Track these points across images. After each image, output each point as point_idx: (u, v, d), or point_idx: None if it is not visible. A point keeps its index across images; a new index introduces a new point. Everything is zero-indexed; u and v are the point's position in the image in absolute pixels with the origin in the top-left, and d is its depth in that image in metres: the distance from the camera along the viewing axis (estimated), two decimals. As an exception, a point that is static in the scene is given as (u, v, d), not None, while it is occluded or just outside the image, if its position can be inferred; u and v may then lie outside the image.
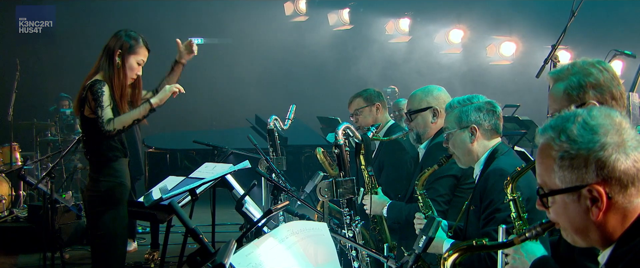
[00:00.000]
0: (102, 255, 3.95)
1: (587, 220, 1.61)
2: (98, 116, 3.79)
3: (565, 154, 1.60)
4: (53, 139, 9.63)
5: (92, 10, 12.50)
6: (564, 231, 1.70)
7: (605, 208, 1.58)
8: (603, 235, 1.62)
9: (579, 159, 1.58)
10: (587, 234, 1.64)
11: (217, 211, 4.91)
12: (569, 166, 1.60)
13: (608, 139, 1.58)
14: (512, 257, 2.46)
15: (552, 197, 1.65)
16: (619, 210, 1.59)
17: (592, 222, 1.61)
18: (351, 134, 3.64)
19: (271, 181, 3.69)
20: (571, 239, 1.69)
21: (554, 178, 1.63)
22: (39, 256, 6.07)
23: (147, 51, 4.08)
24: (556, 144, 1.62)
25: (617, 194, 1.58)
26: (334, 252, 2.64)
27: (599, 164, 1.57)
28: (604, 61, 2.49)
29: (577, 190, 1.59)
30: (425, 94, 4.00)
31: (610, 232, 1.61)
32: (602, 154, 1.57)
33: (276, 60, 13.41)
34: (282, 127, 5.07)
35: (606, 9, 9.94)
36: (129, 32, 4.04)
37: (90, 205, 3.97)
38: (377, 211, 3.94)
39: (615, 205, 1.59)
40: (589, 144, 1.58)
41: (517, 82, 11.47)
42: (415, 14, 12.47)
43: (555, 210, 1.67)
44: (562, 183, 1.62)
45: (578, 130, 1.60)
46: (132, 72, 4.01)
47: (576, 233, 1.66)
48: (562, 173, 1.61)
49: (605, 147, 1.57)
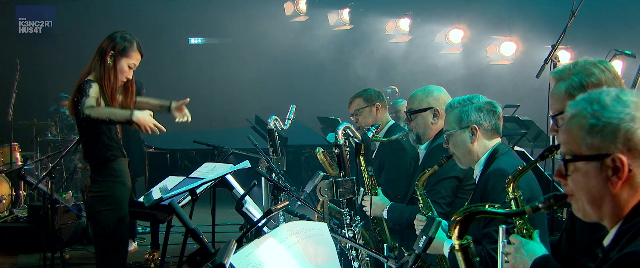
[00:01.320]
0: (103, 256, 3.95)
1: (605, 190, 1.67)
2: (81, 102, 3.75)
3: (596, 121, 1.67)
4: (53, 139, 9.63)
5: (92, 10, 12.50)
6: (576, 203, 1.75)
7: (624, 180, 1.65)
8: (615, 207, 1.68)
9: (609, 127, 1.65)
10: (601, 206, 1.70)
11: (217, 211, 4.91)
12: (598, 133, 1.66)
13: (638, 114, 1.65)
14: (513, 256, 2.46)
15: (574, 165, 1.71)
16: (634, 185, 1.66)
17: (609, 193, 1.67)
18: (351, 134, 3.64)
19: (271, 181, 3.69)
20: (583, 211, 1.75)
21: (581, 145, 1.69)
22: (39, 256, 6.07)
23: (139, 56, 4.05)
24: (588, 113, 1.69)
25: (636, 167, 1.65)
26: (334, 252, 2.64)
27: (627, 135, 1.64)
28: (605, 61, 2.49)
29: (602, 157, 1.66)
30: (425, 94, 3.99)
31: (621, 206, 1.68)
32: (631, 126, 1.64)
33: (276, 60, 13.41)
34: (282, 127, 5.07)
35: (606, 9, 9.94)
36: (124, 34, 4.02)
37: (91, 206, 3.97)
38: (378, 213, 3.94)
39: (632, 179, 1.66)
40: (620, 115, 1.65)
41: (517, 83, 11.47)
42: (415, 14, 12.47)
43: (574, 179, 1.73)
44: (588, 149, 1.68)
45: (611, 101, 1.68)
46: (123, 74, 3.99)
47: (590, 204, 1.71)
48: (591, 140, 1.67)
49: (635, 120, 1.65)
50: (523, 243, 2.44)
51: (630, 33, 9.66)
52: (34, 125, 9.62)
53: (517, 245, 2.45)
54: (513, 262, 2.45)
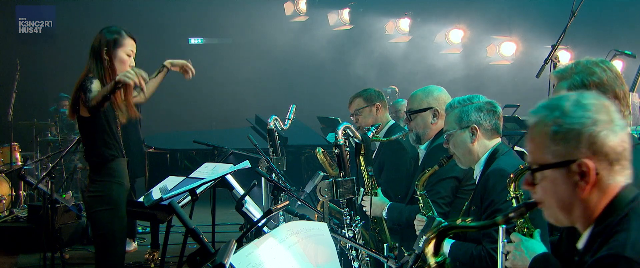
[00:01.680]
0: (101, 255, 3.95)
1: (574, 195, 1.69)
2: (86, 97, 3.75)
3: (559, 129, 1.68)
4: (53, 139, 9.63)
5: (92, 10, 12.50)
6: (547, 209, 1.76)
7: (592, 184, 1.66)
8: (585, 211, 1.70)
9: (572, 133, 1.66)
10: (572, 211, 1.71)
11: (217, 211, 4.91)
12: (562, 140, 1.67)
13: (599, 117, 1.66)
14: (512, 254, 2.46)
15: (542, 173, 1.72)
16: (602, 187, 1.68)
17: (578, 198, 1.68)
18: (351, 134, 3.64)
19: (271, 181, 3.69)
20: (554, 217, 1.76)
21: (546, 153, 1.70)
22: (39, 256, 6.07)
23: (133, 41, 4.02)
24: (550, 120, 1.70)
25: (603, 170, 1.66)
26: (334, 252, 2.64)
27: (591, 139, 1.65)
28: (607, 61, 2.50)
29: (568, 164, 1.67)
30: (425, 94, 3.99)
31: (591, 209, 1.69)
32: (594, 129, 1.65)
33: (276, 60, 13.41)
34: (282, 127, 5.07)
35: (606, 9, 9.94)
36: (110, 28, 4.00)
37: (89, 206, 3.98)
38: (377, 213, 3.94)
39: (600, 181, 1.67)
40: (582, 119, 1.66)
41: (517, 83, 11.47)
42: (415, 14, 12.47)
43: (543, 186, 1.74)
44: (553, 157, 1.69)
45: (572, 106, 1.69)
46: (124, 65, 3.97)
47: (560, 210, 1.73)
48: (555, 147, 1.68)
49: (597, 123, 1.66)
50: (523, 241, 2.45)
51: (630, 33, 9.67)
52: (34, 125, 9.62)
53: (517, 243, 2.46)
54: (512, 260, 2.45)
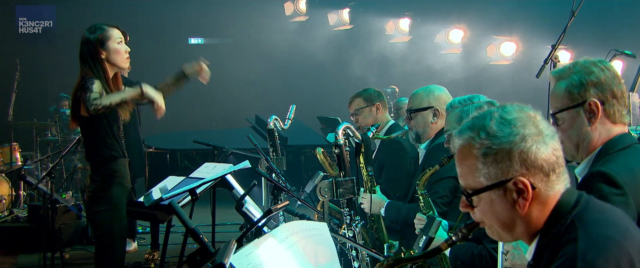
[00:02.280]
0: (102, 255, 3.95)
1: (514, 213, 1.66)
2: (85, 97, 3.73)
3: (488, 151, 1.65)
4: (53, 139, 9.63)
5: (92, 10, 12.49)
6: (489, 229, 1.74)
7: (530, 199, 1.64)
8: (528, 226, 1.68)
9: (502, 153, 1.63)
10: (513, 228, 1.69)
11: (217, 211, 4.91)
12: (493, 162, 1.64)
13: (526, 131, 1.64)
14: (511, 254, 2.46)
15: (478, 196, 1.69)
16: (541, 200, 1.65)
17: (518, 215, 1.66)
18: (351, 134, 3.65)
19: (271, 181, 3.69)
20: (497, 236, 1.74)
21: (478, 176, 1.67)
22: (39, 256, 6.07)
23: (118, 30, 4.03)
24: (477, 143, 1.66)
25: (539, 183, 1.64)
26: (334, 252, 2.64)
27: (522, 156, 1.62)
28: (605, 61, 2.50)
29: (503, 184, 1.64)
30: (426, 93, 4.00)
31: (534, 223, 1.67)
32: (524, 146, 1.63)
33: (276, 60, 13.41)
34: (282, 127, 5.07)
35: (606, 9, 9.93)
36: (90, 29, 3.99)
37: (89, 206, 3.98)
38: (375, 210, 3.94)
39: (538, 195, 1.64)
40: (509, 138, 1.63)
41: (517, 83, 11.47)
42: (415, 14, 12.46)
43: (481, 209, 1.71)
44: (487, 180, 1.66)
45: (497, 125, 1.65)
46: (120, 53, 3.98)
47: (502, 229, 1.70)
48: (487, 169, 1.65)
49: (526, 138, 1.63)
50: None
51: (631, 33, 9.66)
52: (34, 125, 9.63)
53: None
54: (511, 259, 2.45)
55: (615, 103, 2.37)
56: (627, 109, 2.43)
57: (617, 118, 2.36)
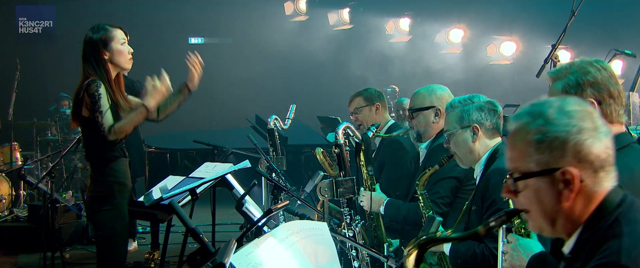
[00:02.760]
0: (103, 255, 3.95)
1: (558, 204, 1.66)
2: (99, 123, 3.77)
3: (543, 137, 1.64)
4: (53, 139, 9.63)
5: (92, 10, 12.49)
6: (531, 218, 1.73)
7: (576, 192, 1.63)
8: (570, 220, 1.67)
9: (557, 141, 1.63)
10: (555, 219, 1.68)
11: (217, 211, 4.91)
12: (546, 149, 1.64)
13: (584, 124, 1.64)
14: (509, 255, 2.46)
15: (524, 182, 1.69)
16: (587, 195, 1.65)
17: (562, 206, 1.65)
18: (351, 133, 3.65)
19: (271, 180, 3.69)
20: (538, 226, 1.73)
21: (529, 162, 1.67)
22: (39, 256, 6.07)
23: (121, 30, 4.00)
24: (533, 128, 1.66)
25: (588, 177, 1.64)
26: (334, 252, 2.64)
27: (576, 148, 1.62)
28: (602, 60, 2.50)
29: (552, 172, 1.64)
30: (428, 93, 4.00)
31: (576, 217, 1.66)
32: (579, 138, 1.62)
33: (276, 59, 13.41)
34: (282, 126, 5.07)
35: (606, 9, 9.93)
36: (93, 29, 3.97)
37: (90, 206, 3.97)
38: (375, 208, 3.94)
39: (584, 189, 1.64)
40: (567, 128, 1.63)
41: (517, 82, 11.47)
42: (415, 13, 12.47)
43: (526, 195, 1.70)
44: (537, 166, 1.66)
45: (556, 114, 1.65)
46: (123, 54, 3.97)
47: (544, 218, 1.70)
48: (539, 155, 1.65)
49: (582, 131, 1.63)
50: (519, 241, 2.45)
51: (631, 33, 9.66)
52: (34, 125, 9.62)
53: (514, 244, 2.45)
54: (510, 259, 2.45)
55: (612, 103, 2.37)
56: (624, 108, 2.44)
57: (614, 117, 2.37)
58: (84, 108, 3.84)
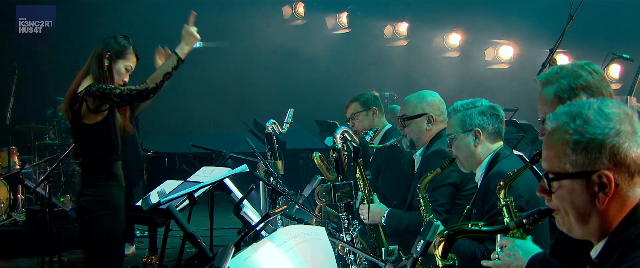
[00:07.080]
0: (100, 259, 3.93)
1: (592, 206, 1.63)
2: (126, 94, 3.77)
3: (580, 138, 1.61)
4: (51, 143, 9.62)
5: (92, 11, 12.50)
6: (562, 219, 1.71)
7: (610, 196, 1.60)
8: (602, 223, 1.64)
9: (594, 143, 1.60)
10: (588, 222, 1.65)
11: (215, 215, 4.90)
12: (582, 150, 1.61)
13: (622, 127, 1.61)
14: (506, 254, 2.45)
15: (559, 182, 1.66)
16: (621, 199, 1.62)
17: (596, 209, 1.63)
18: (349, 138, 3.65)
19: (269, 185, 3.69)
20: (568, 228, 1.70)
21: (564, 162, 1.64)
22: (37, 260, 6.06)
23: (135, 58, 4.03)
24: (571, 128, 1.63)
25: (623, 182, 1.61)
26: (332, 256, 2.64)
27: (613, 151, 1.59)
28: (592, 63, 2.49)
29: (587, 175, 1.61)
30: (419, 100, 3.99)
31: (609, 221, 1.64)
32: (617, 141, 1.59)
33: (274, 63, 13.40)
34: (280, 131, 5.07)
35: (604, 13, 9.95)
36: (118, 38, 4.00)
37: (88, 210, 3.91)
38: (376, 220, 3.93)
39: (619, 193, 1.61)
40: (605, 130, 1.60)
41: (515, 86, 11.48)
42: (413, 17, 12.48)
43: (560, 196, 1.67)
44: (572, 167, 1.63)
45: (594, 115, 1.62)
46: (120, 77, 3.97)
47: (577, 220, 1.67)
48: (575, 157, 1.62)
49: (620, 134, 1.60)
50: (516, 243, 2.43)
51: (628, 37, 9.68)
52: (32, 129, 9.61)
53: (510, 245, 2.44)
54: (507, 259, 2.43)
55: None
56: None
57: None
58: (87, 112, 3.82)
